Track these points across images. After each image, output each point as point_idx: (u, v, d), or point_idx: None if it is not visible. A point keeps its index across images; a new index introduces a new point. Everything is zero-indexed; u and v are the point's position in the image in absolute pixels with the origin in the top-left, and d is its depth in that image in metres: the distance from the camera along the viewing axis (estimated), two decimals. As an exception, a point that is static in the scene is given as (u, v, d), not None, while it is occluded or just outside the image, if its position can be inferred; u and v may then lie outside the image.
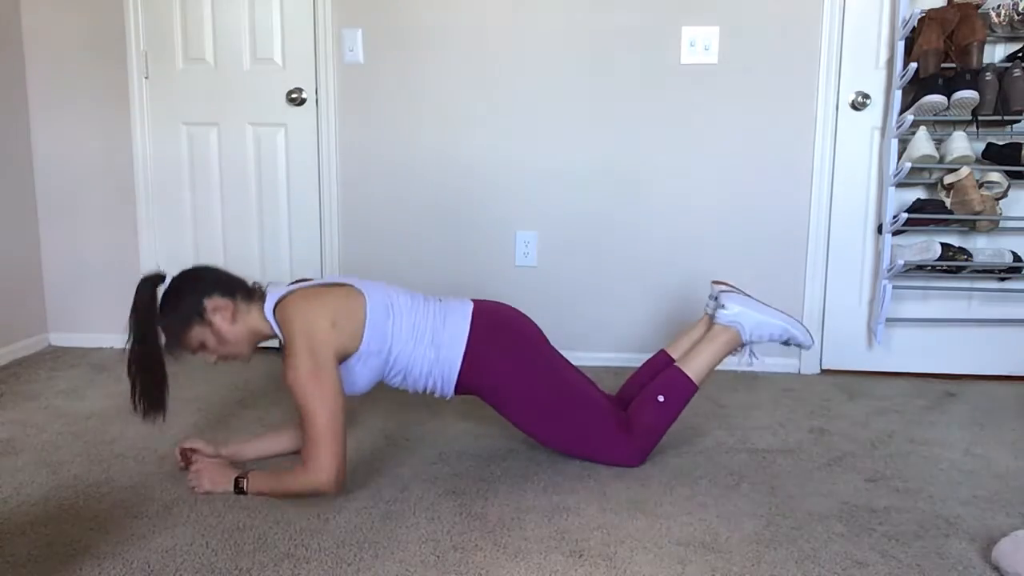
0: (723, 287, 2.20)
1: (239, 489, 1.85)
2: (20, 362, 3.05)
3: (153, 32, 3.07)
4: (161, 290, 1.84)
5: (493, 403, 2.02)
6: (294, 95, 3.03)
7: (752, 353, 2.13)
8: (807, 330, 2.11)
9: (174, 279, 1.87)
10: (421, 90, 3.00)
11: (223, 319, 1.84)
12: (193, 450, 2.01)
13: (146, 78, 3.10)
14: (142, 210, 3.17)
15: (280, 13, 3.02)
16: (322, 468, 1.76)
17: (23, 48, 3.13)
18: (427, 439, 2.27)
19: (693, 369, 2.05)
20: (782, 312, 2.12)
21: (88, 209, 3.20)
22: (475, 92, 2.98)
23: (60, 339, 3.29)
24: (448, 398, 2.04)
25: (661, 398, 2.01)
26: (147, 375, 1.83)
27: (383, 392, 2.67)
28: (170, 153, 3.14)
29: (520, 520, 1.76)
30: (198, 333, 1.84)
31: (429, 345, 1.94)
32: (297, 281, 2.05)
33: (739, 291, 2.16)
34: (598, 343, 3.06)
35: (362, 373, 1.91)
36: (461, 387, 1.99)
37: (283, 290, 1.91)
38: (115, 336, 3.26)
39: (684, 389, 2.04)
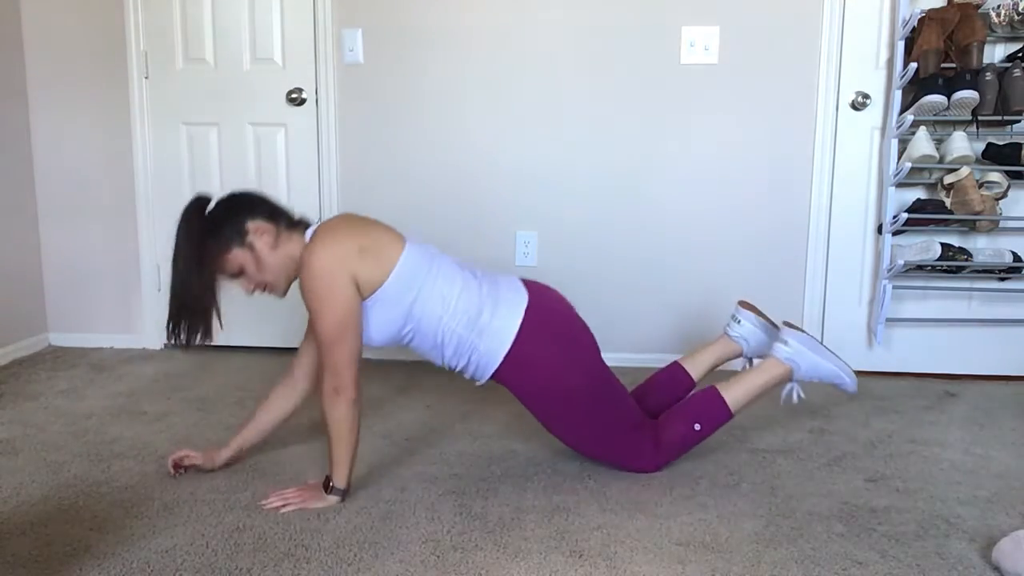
0: (761, 318, 2.21)
1: (336, 490, 1.81)
2: (20, 362, 3.05)
3: (153, 32, 3.07)
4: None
5: (523, 399, 1.95)
6: (294, 95, 3.03)
7: (798, 393, 2.07)
8: (854, 378, 2.07)
9: (219, 201, 1.83)
10: (421, 90, 3.00)
11: (264, 244, 1.79)
12: (189, 466, 1.98)
13: (146, 78, 3.10)
14: (142, 210, 3.17)
15: (280, 13, 3.02)
16: (323, 386, 1.74)
17: (23, 48, 3.13)
18: (427, 439, 2.27)
19: (734, 397, 2.00)
20: (836, 356, 2.07)
21: (88, 209, 3.20)
22: (475, 92, 2.98)
23: (60, 339, 3.29)
24: (478, 383, 1.97)
25: (698, 426, 1.98)
26: (190, 300, 1.77)
27: (383, 391, 2.68)
28: (170, 153, 3.14)
29: (520, 520, 1.76)
30: (238, 256, 1.78)
31: (471, 328, 1.85)
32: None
33: (800, 328, 2.09)
34: (598, 343, 3.05)
35: (375, 321, 1.82)
36: (496, 378, 1.92)
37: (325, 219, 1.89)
38: (115, 336, 3.26)
39: (720, 417, 2.00)
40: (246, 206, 1.82)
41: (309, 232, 1.85)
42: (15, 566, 1.56)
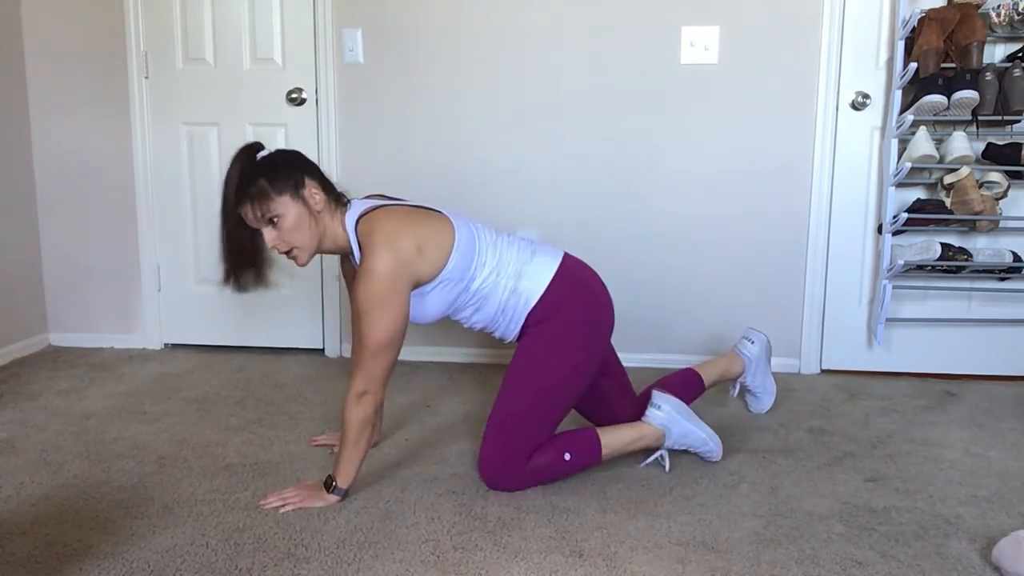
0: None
1: (338, 490, 1.82)
2: (20, 362, 3.05)
3: (153, 32, 3.07)
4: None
5: (529, 348, 1.91)
6: (294, 95, 3.03)
7: (665, 461, 2.03)
8: (720, 445, 2.07)
9: (279, 150, 1.84)
10: (421, 90, 3.00)
11: (314, 205, 1.79)
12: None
13: (146, 78, 3.10)
14: (142, 210, 3.17)
15: (280, 13, 3.02)
16: (353, 387, 1.76)
17: (23, 48, 3.13)
18: (427, 439, 2.27)
19: (608, 443, 1.96)
20: (705, 426, 2.07)
21: (88, 209, 3.20)
22: (475, 92, 2.98)
23: (60, 339, 3.28)
24: (508, 340, 1.99)
25: (568, 456, 1.92)
26: (241, 238, 1.78)
27: (383, 392, 2.67)
28: (170, 153, 3.14)
29: (520, 520, 1.76)
30: (286, 203, 1.75)
31: (510, 276, 1.91)
32: (374, 196, 2.01)
33: (672, 393, 2.07)
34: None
35: (434, 302, 1.87)
36: (528, 322, 1.93)
37: (368, 204, 1.87)
38: (115, 336, 3.26)
39: (591, 456, 1.94)
40: (308, 164, 1.83)
41: (351, 216, 1.83)
42: (15, 566, 1.56)
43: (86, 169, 3.18)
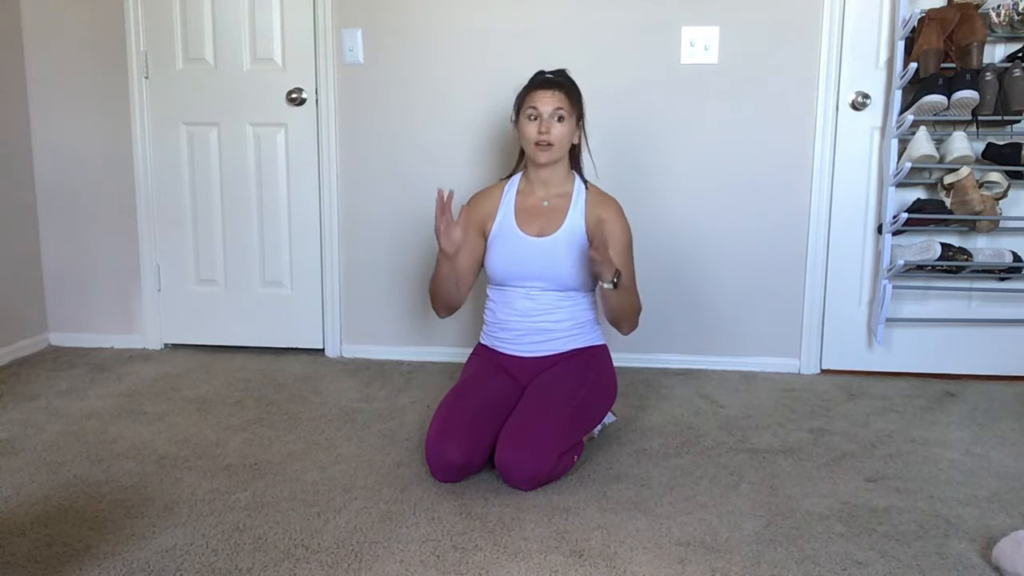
0: None
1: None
2: (20, 362, 3.05)
3: (153, 32, 3.07)
4: None
5: (584, 370, 2.17)
6: (294, 95, 3.03)
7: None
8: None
9: None
10: (421, 90, 3.00)
11: (576, 139, 2.29)
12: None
13: (146, 78, 3.10)
14: (142, 210, 3.17)
15: (280, 13, 3.02)
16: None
17: (23, 48, 3.13)
18: (427, 439, 2.27)
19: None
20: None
21: (88, 209, 3.20)
22: (475, 92, 2.98)
23: (60, 339, 3.29)
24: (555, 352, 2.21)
25: (575, 458, 2.08)
26: None
27: (380, 390, 2.68)
28: (170, 153, 3.14)
29: (520, 520, 1.76)
30: (573, 117, 2.23)
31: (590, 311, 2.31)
32: None
33: None
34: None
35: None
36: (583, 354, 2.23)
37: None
38: (115, 336, 3.26)
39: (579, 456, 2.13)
40: None
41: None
42: (15, 566, 1.56)
43: (86, 169, 3.18)
